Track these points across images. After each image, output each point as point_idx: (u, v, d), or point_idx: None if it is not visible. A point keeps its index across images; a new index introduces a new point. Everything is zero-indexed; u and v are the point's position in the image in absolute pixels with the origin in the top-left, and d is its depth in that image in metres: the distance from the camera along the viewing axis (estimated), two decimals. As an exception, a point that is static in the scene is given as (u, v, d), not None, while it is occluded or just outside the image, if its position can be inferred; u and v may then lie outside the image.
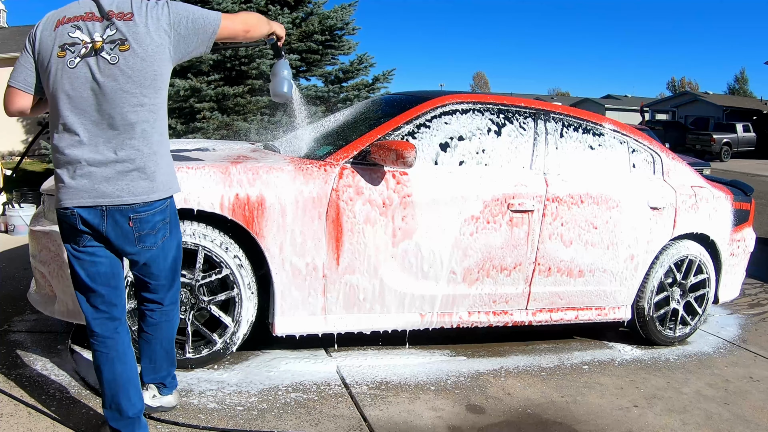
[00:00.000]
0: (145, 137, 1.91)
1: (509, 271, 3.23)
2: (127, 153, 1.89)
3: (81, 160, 1.86)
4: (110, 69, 1.85)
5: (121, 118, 1.87)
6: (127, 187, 1.90)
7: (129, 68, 1.86)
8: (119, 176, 1.89)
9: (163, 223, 2.01)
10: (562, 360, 3.39)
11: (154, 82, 1.91)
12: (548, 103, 3.63)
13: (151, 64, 1.90)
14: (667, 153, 3.82)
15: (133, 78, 1.87)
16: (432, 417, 2.59)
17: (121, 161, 1.89)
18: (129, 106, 1.88)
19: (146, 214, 1.94)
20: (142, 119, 1.90)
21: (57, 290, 2.75)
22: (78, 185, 1.87)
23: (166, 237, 2.05)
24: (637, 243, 3.51)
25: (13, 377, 2.63)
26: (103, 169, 1.88)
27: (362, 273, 2.92)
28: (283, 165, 2.85)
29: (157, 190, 1.96)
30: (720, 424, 2.74)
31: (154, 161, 1.95)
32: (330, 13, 7.93)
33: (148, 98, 1.91)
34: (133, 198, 1.91)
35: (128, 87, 1.87)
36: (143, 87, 1.89)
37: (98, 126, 1.87)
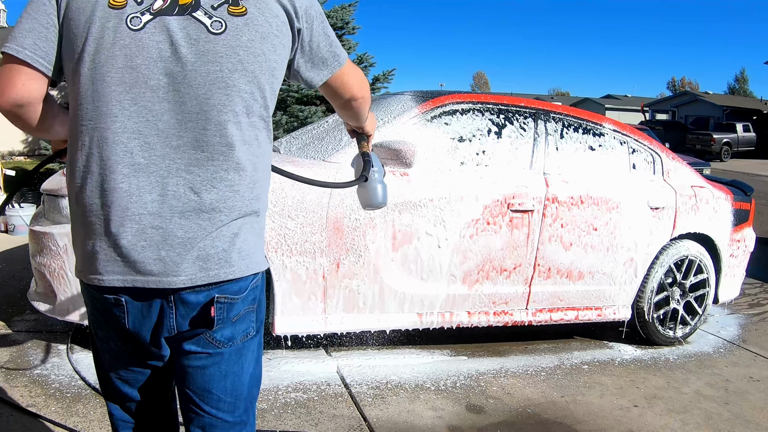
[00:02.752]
0: (248, 169, 1.15)
1: (509, 272, 3.23)
2: (219, 194, 1.12)
3: (133, 202, 1.08)
4: (209, 42, 1.09)
5: (216, 130, 1.10)
6: (220, 253, 1.13)
7: (242, 47, 1.10)
8: (203, 233, 1.11)
9: (247, 311, 1.22)
10: (562, 360, 3.39)
11: (272, 77, 1.17)
12: (548, 103, 3.63)
13: (274, 47, 1.15)
14: (667, 153, 3.82)
15: (246, 64, 1.11)
16: (432, 417, 2.59)
17: (209, 209, 1.11)
18: (232, 113, 1.11)
19: (236, 298, 1.17)
20: (248, 137, 1.14)
21: (57, 290, 2.75)
22: (127, 251, 1.09)
23: (251, 334, 1.24)
24: (636, 243, 3.51)
25: (13, 377, 2.63)
26: (176, 220, 1.09)
27: (362, 277, 2.93)
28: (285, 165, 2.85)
29: (253, 261, 1.19)
30: (720, 424, 2.74)
31: (256, 211, 1.19)
32: (330, 13, 7.94)
33: (263, 102, 1.16)
34: (227, 272, 1.14)
35: (236, 79, 1.10)
36: (259, 82, 1.14)
37: (171, 143, 1.09)
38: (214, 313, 1.14)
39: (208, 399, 1.22)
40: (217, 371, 1.20)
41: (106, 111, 1.07)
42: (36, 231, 2.80)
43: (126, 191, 1.08)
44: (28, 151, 13.32)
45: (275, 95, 1.20)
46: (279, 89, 1.22)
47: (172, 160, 1.09)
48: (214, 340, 1.17)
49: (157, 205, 1.08)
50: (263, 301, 1.27)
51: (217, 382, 1.21)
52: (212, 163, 1.10)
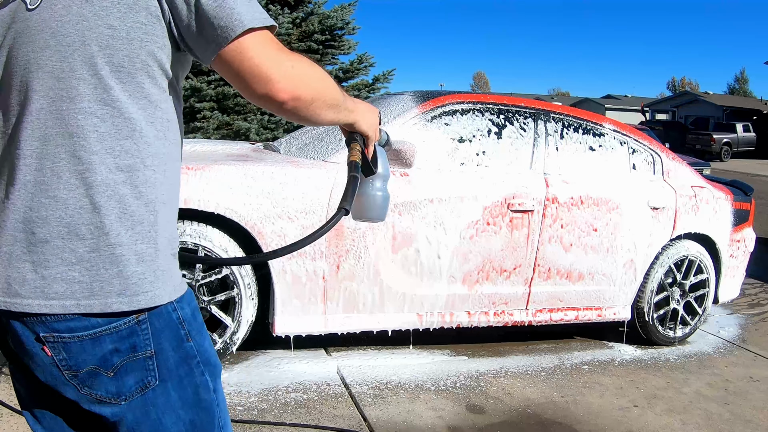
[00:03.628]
0: (73, 164, 0.92)
1: (509, 273, 3.23)
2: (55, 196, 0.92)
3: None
4: (24, 21, 0.94)
5: (27, 123, 0.93)
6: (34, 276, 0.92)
7: (56, 17, 0.92)
8: (24, 248, 0.92)
9: (129, 358, 0.96)
10: (562, 360, 3.39)
11: (109, 48, 0.93)
12: (548, 103, 3.63)
13: (106, 11, 0.92)
14: (667, 153, 3.82)
15: (60, 36, 0.92)
16: (432, 417, 2.59)
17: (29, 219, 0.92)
18: (44, 99, 0.93)
19: (80, 336, 0.93)
20: (70, 127, 0.92)
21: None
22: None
23: (151, 384, 0.98)
24: (636, 244, 3.51)
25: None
26: None
27: (363, 278, 2.93)
28: (287, 166, 2.85)
29: (124, 290, 0.94)
30: (720, 424, 2.74)
31: (91, 222, 0.92)
32: (330, 13, 7.94)
33: (90, 81, 0.93)
34: (52, 301, 0.91)
35: (48, 57, 0.93)
36: (87, 55, 0.93)
37: (3, 141, 0.96)
38: (49, 352, 0.92)
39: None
40: (128, 430, 0.99)
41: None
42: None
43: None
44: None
45: (131, 73, 0.94)
46: (160, 65, 0.96)
47: (1, 164, 0.95)
48: (101, 396, 0.96)
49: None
50: (166, 344, 0.98)
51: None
52: (24, 161, 0.93)
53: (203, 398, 1.04)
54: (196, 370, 1.03)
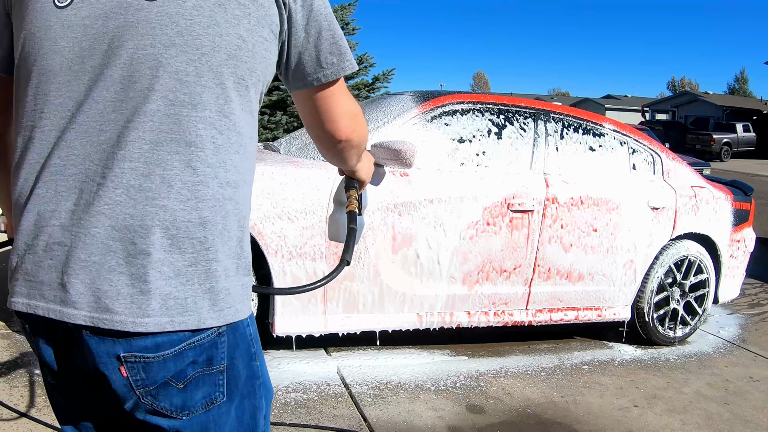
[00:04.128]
0: (187, 175, 0.87)
1: (509, 273, 3.23)
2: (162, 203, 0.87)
3: (42, 212, 0.88)
4: (141, 10, 0.87)
5: (137, 122, 0.86)
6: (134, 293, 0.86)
7: (185, 14, 0.87)
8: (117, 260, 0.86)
9: (200, 374, 0.92)
10: (562, 360, 3.39)
11: (236, 60, 0.90)
12: (548, 104, 3.63)
13: (237, 20, 0.89)
14: (667, 153, 3.82)
15: (188, 37, 0.87)
16: (432, 417, 2.59)
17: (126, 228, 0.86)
18: (165, 102, 0.87)
19: (165, 355, 0.88)
20: (193, 138, 0.88)
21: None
22: (29, 268, 0.89)
23: (218, 400, 0.95)
24: (636, 244, 3.51)
25: (13, 377, 2.63)
26: (77, 238, 0.86)
27: (362, 279, 2.93)
28: (287, 165, 2.85)
29: (213, 305, 0.90)
30: (720, 424, 2.74)
31: (195, 236, 0.89)
32: (330, 13, 7.93)
33: (220, 92, 0.89)
34: (147, 318, 0.86)
35: (172, 56, 0.87)
36: (214, 63, 0.89)
37: (92, 139, 0.87)
38: (126, 373, 0.87)
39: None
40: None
41: (33, 106, 0.89)
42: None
43: (43, 197, 0.88)
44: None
45: (251, 86, 0.92)
46: (264, 82, 0.96)
47: (93, 161, 0.86)
48: (163, 409, 0.91)
49: (68, 217, 0.86)
50: (239, 361, 0.96)
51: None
52: (130, 164, 0.85)
53: (257, 423, 1.01)
54: (258, 392, 1.00)
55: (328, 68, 0.98)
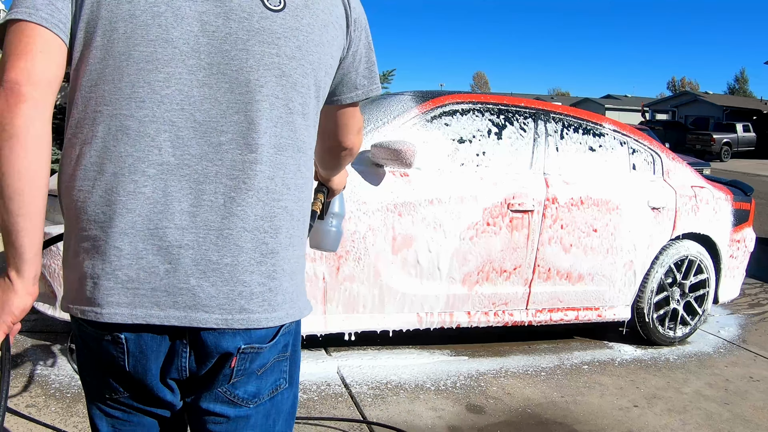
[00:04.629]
0: (297, 177, 0.94)
1: (509, 273, 3.23)
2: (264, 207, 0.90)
3: (149, 214, 0.85)
4: (265, 18, 0.89)
5: (267, 128, 0.89)
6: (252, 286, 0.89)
7: (303, 30, 0.92)
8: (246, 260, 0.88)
9: (277, 360, 0.98)
10: (562, 360, 3.39)
11: (326, 75, 0.98)
12: (548, 104, 3.63)
13: (333, 40, 0.97)
14: (667, 153, 3.82)
15: (305, 51, 0.92)
16: (432, 417, 2.59)
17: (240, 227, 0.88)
18: (285, 110, 0.91)
19: (262, 347, 0.93)
20: (300, 141, 0.94)
21: (57, 291, 2.75)
22: (133, 275, 0.85)
23: (281, 387, 1.01)
24: (636, 244, 3.51)
25: (13, 377, 2.63)
26: (206, 240, 0.86)
27: (362, 279, 2.93)
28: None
29: (302, 295, 1.00)
30: (720, 424, 2.74)
31: (303, 233, 0.98)
32: (330, 13, 7.94)
33: (316, 101, 0.97)
34: (275, 313, 0.91)
35: (294, 68, 0.91)
36: (316, 76, 0.95)
37: (211, 139, 0.86)
38: (234, 364, 0.90)
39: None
40: None
41: (129, 93, 0.84)
42: (36, 231, 2.79)
43: (149, 198, 0.84)
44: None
45: (324, 99, 1.01)
46: None
47: (211, 161, 0.85)
48: (236, 397, 0.94)
49: (188, 219, 0.85)
50: (299, 345, 1.02)
51: None
52: (259, 167, 0.87)
53: (295, 409, 1.07)
54: (297, 381, 1.06)
55: (360, 90, 1.07)
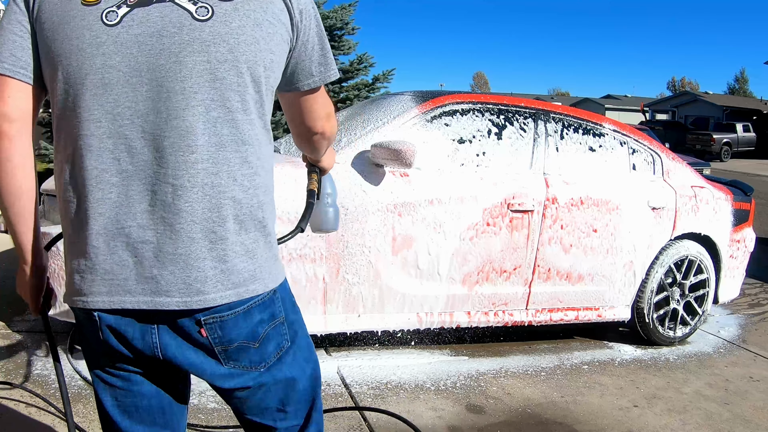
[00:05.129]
0: (245, 168, 1.04)
1: (509, 273, 3.23)
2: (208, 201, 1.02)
3: (117, 216, 0.99)
4: (194, 30, 0.99)
5: (206, 129, 1.00)
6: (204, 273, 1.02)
7: (232, 33, 1.00)
8: (198, 248, 1.01)
9: (270, 326, 1.12)
10: (562, 360, 3.39)
11: (268, 70, 1.05)
12: (548, 104, 3.63)
13: (270, 36, 1.04)
14: (667, 153, 3.82)
15: (237, 53, 1.00)
16: (432, 417, 2.59)
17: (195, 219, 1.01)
18: (223, 110, 1.01)
19: (236, 312, 1.06)
20: (245, 137, 1.04)
21: (57, 291, 2.75)
22: (108, 268, 1.01)
23: (284, 347, 1.16)
24: (636, 244, 3.51)
25: (13, 377, 2.63)
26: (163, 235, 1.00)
27: (362, 280, 2.93)
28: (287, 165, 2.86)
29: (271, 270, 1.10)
30: (720, 424, 2.74)
31: (257, 217, 1.08)
32: (330, 13, 7.94)
33: (258, 97, 1.05)
34: (228, 291, 1.04)
35: (226, 70, 1.00)
36: (253, 74, 1.03)
37: (158, 144, 0.98)
38: (205, 333, 1.03)
39: (269, 415, 1.18)
40: (266, 392, 1.15)
41: (87, 116, 0.98)
42: (36, 231, 2.80)
43: (115, 202, 0.99)
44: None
45: (272, 91, 1.09)
46: None
47: (160, 164, 0.98)
48: (245, 367, 1.10)
49: (147, 217, 0.98)
50: (290, 307, 1.17)
51: (270, 399, 1.16)
52: (201, 165, 0.99)
53: (313, 353, 1.23)
54: (303, 326, 1.22)
55: (316, 76, 1.15)
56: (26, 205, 1.07)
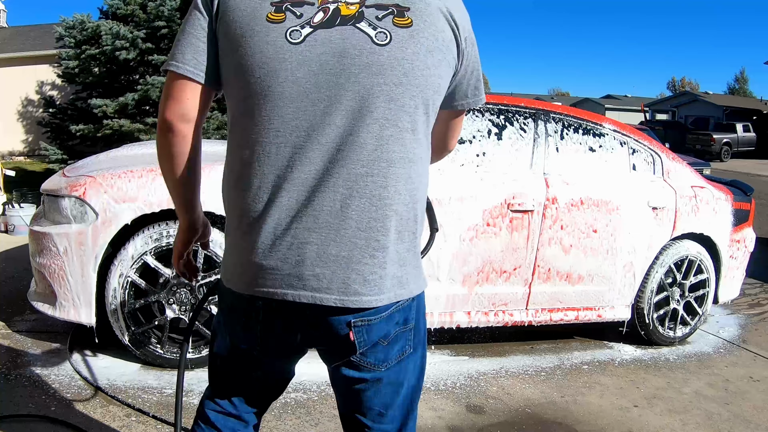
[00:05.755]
0: (408, 184, 1.12)
1: (509, 274, 3.23)
2: (377, 212, 1.10)
3: (285, 218, 1.08)
4: (373, 53, 1.07)
5: (378, 146, 1.08)
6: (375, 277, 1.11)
7: (407, 59, 1.08)
8: (359, 253, 1.10)
9: (399, 332, 1.20)
10: (562, 360, 3.39)
11: (436, 94, 1.15)
12: (548, 104, 3.63)
13: (439, 63, 1.12)
14: (668, 153, 3.82)
15: (411, 77, 1.08)
16: (432, 417, 2.59)
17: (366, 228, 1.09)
18: (395, 129, 1.09)
19: (382, 316, 1.15)
20: (411, 155, 1.12)
21: (57, 290, 2.75)
22: (274, 264, 1.09)
23: (407, 352, 1.24)
24: (636, 244, 3.51)
25: (13, 377, 2.63)
26: (327, 238, 1.08)
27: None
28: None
29: (416, 278, 1.21)
30: (720, 424, 2.74)
31: (412, 229, 1.16)
32: (330, 13, 7.92)
33: (425, 119, 1.14)
34: (382, 295, 1.13)
35: (401, 93, 1.08)
36: (424, 97, 1.12)
37: (332, 157, 1.07)
38: (353, 337, 1.13)
39: (370, 415, 1.26)
40: (376, 391, 1.22)
41: (267, 125, 1.07)
42: (36, 231, 2.80)
43: (285, 206, 1.08)
44: (28, 151, 13.33)
45: (436, 112, 1.18)
46: None
47: (331, 175, 1.06)
48: (369, 363, 1.18)
49: (312, 221, 1.07)
50: (421, 317, 1.25)
51: (377, 399, 1.24)
52: (371, 179, 1.07)
53: (424, 365, 1.31)
54: (425, 342, 1.30)
55: (470, 98, 1.26)
56: (186, 187, 1.24)
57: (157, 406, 2.47)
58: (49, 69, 11.57)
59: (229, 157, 1.15)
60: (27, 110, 13.47)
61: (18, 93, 13.29)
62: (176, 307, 2.77)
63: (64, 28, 7.69)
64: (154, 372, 2.77)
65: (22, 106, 13.45)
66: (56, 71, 9.80)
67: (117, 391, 2.56)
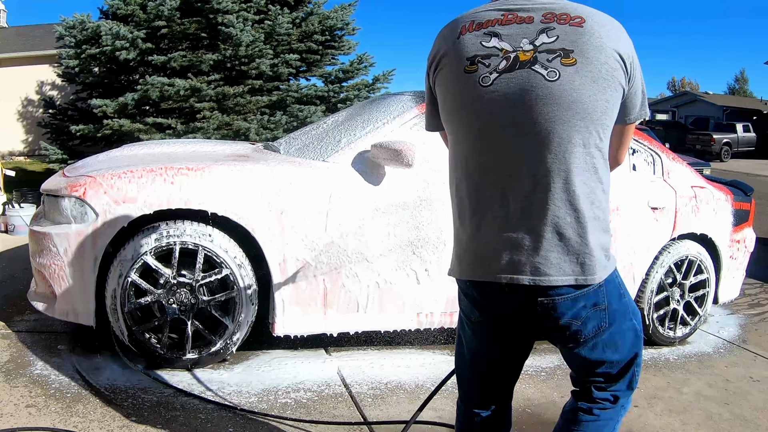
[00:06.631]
0: (584, 193, 1.39)
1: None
2: (559, 212, 1.38)
3: (497, 226, 1.42)
4: (546, 88, 1.34)
5: (555, 159, 1.36)
6: None
7: (575, 89, 1.34)
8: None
9: (592, 311, 1.46)
10: (563, 360, 3.38)
11: (603, 114, 1.39)
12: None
13: (604, 89, 1.37)
14: (668, 153, 3.82)
15: (578, 103, 1.35)
16: (432, 417, 2.59)
17: None
18: (569, 145, 1.36)
19: (565, 298, 1.43)
20: (585, 165, 1.38)
21: (57, 290, 2.75)
22: (485, 254, 1.45)
23: (603, 327, 1.51)
24: (636, 244, 3.51)
25: (13, 377, 2.63)
26: (528, 239, 1.40)
27: (362, 281, 2.92)
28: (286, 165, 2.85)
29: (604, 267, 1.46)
30: (720, 424, 2.74)
31: (605, 228, 1.45)
32: (330, 13, 7.94)
33: (597, 134, 1.39)
34: (563, 277, 1.41)
35: (571, 116, 1.35)
36: (592, 118, 1.37)
37: (515, 172, 1.38)
38: (540, 309, 1.41)
39: (594, 369, 1.68)
40: (588, 353, 1.57)
41: (479, 150, 1.41)
42: (36, 231, 2.80)
43: (496, 215, 1.40)
44: (28, 151, 13.34)
45: (609, 128, 1.42)
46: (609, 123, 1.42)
47: (522, 183, 1.36)
48: (570, 338, 1.51)
49: (518, 223, 1.38)
50: (615, 298, 1.48)
51: (591, 357, 1.60)
52: (551, 186, 1.35)
53: (633, 336, 1.62)
54: (628, 315, 1.56)
55: (638, 112, 1.50)
56: None
57: (156, 406, 2.47)
58: (49, 69, 11.57)
59: (451, 176, 1.53)
60: (27, 110, 13.49)
61: (18, 93, 13.30)
62: (176, 307, 2.77)
63: (64, 28, 7.69)
64: (154, 372, 2.77)
65: (22, 106, 13.46)
66: (56, 71, 9.81)
67: (117, 392, 2.56)
